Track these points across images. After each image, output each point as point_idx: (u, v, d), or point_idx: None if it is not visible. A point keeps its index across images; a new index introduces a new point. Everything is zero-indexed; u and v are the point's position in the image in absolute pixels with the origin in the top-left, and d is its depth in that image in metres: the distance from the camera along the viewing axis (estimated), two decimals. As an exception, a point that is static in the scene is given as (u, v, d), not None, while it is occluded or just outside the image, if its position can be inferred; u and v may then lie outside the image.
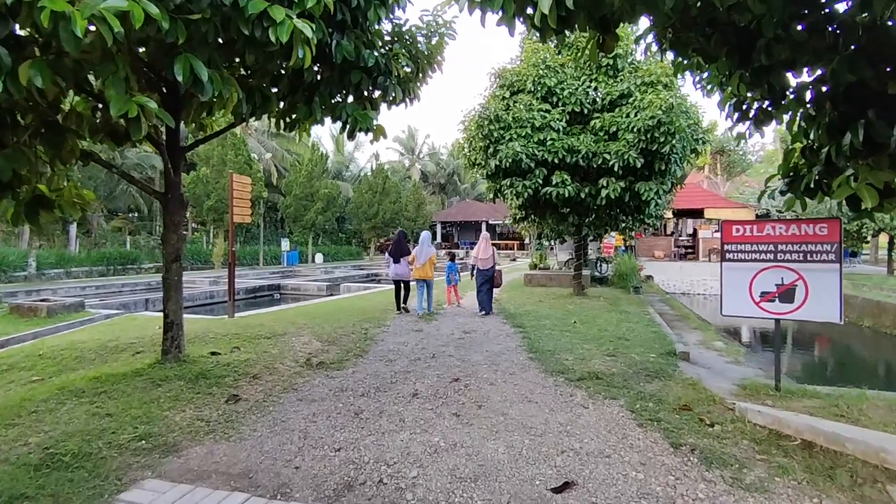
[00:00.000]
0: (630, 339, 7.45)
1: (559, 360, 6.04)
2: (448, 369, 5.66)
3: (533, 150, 10.45)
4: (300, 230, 30.99)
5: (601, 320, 9.16)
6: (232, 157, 23.33)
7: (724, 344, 8.39)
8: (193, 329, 7.30)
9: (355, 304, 11.37)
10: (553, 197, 10.46)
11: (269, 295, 17.67)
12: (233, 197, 9.15)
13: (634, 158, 9.69)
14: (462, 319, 9.39)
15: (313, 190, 30.09)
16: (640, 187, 10.05)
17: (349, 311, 10.14)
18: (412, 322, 8.93)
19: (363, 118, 5.26)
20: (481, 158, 11.32)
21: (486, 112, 10.67)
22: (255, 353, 5.97)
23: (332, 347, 6.56)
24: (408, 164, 64.52)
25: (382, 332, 7.84)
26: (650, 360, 6.15)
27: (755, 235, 4.69)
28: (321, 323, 8.27)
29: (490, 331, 8.16)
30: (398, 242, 10.00)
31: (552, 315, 9.76)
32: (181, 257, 5.40)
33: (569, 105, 10.85)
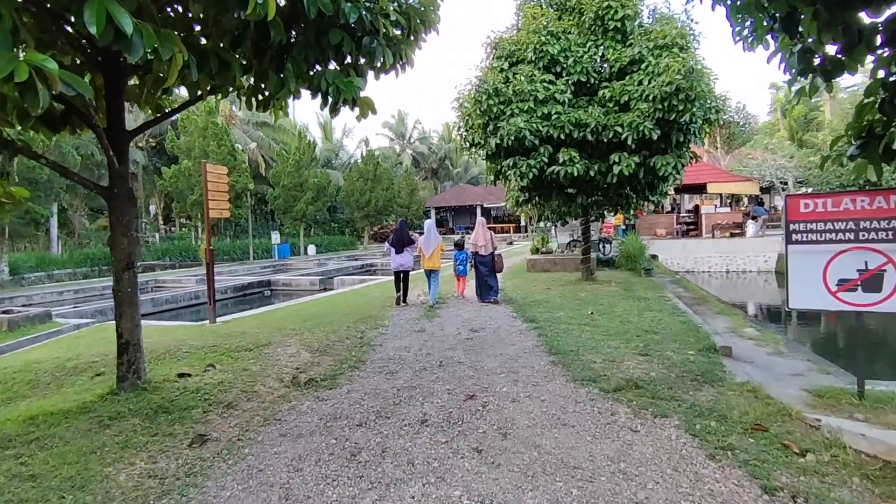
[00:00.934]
0: (659, 332, 6.64)
1: (586, 364, 5.22)
2: (459, 382, 4.82)
3: (537, 126, 9.53)
4: (290, 222, 29.98)
5: (620, 309, 8.35)
6: (214, 149, 22.21)
7: (757, 331, 7.61)
8: (164, 342, 6.43)
9: (350, 301, 10.50)
10: (560, 176, 9.57)
11: (258, 292, 16.78)
12: (207, 189, 8.20)
13: (650, 130, 8.79)
14: (466, 314, 8.56)
15: (302, 179, 29.01)
16: (657, 161, 9.16)
17: (343, 309, 9.28)
18: (413, 320, 8.09)
19: (347, 87, 4.34)
20: (480, 137, 10.39)
21: (484, 86, 9.71)
22: (233, 371, 5.10)
23: (324, 358, 5.70)
24: (399, 149, 63.26)
25: (381, 335, 7.00)
26: (690, 358, 5.34)
27: (830, 211, 3.84)
28: (312, 327, 7.41)
29: (500, 328, 7.33)
30: (400, 232, 9.50)
31: (565, 305, 8.94)
32: (134, 264, 4.50)
33: (574, 74, 9.90)
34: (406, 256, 9.43)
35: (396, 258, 9.44)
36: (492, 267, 9.72)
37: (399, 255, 9.41)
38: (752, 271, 23.85)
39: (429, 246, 9.51)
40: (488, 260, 9.69)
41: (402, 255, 9.41)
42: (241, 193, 23.46)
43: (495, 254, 9.82)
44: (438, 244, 9.64)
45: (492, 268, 9.73)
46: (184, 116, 23.24)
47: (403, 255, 9.41)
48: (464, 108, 11.20)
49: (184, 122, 23.04)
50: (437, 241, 9.62)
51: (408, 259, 9.45)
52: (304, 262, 25.61)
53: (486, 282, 9.62)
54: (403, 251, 9.40)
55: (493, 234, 10.04)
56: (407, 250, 9.40)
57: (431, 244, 9.53)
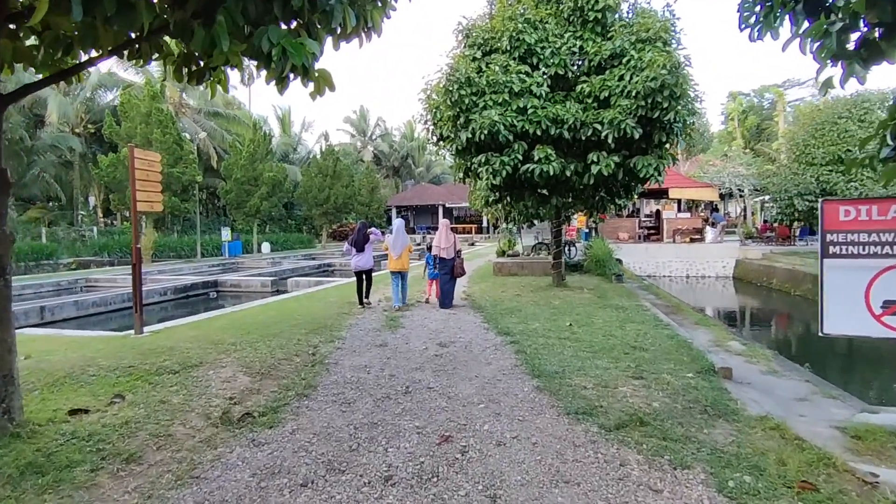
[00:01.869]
0: (647, 348, 6.03)
1: (576, 391, 4.50)
2: (431, 415, 4.00)
3: (511, 120, 8.82)
4: (243, 218, 28.29)
5: (599, 320, 7.73)
6: (158, 137, 20.46)
7: (743, 345, 7.14)
8: (69, 361, 5.29)
9: (303, 307, 9.48)
10: (535, 175, 8.89)
11: (203, 294, 15.38)
12: (135, 178, 7.03)
13: (632, 128, 8.22)
14: (433, 324, 7.74)
15: (256, 173, 27.39)
16: (638, 162, 8.62)
17: (295, 317, 8.27)
18: (373, 332, 7.19)
19: (296, 50, 3.42)
20: (449, 131, 9.59)
21: (456, 74, 8.91)
22: (147, 403, 4.08)
23: (267, 383, 4.74)
24: (360, 146, 61.79)
25: (336, 350, 6.08)
26: (691, 383, 4.71)
27: (876, 220, 3.25)
28: (255, 340, 6.39)
29: (472, 342, 6.55)
30: (361, 231, 9.28)
31: (539, 314, 8.27)
32: (8, 268, 3.43)
33: (551, 67, 9.25)
34: (367, 256, 9.17)
35: (357, 258, 9.17)
36: (451, 271, 9.27)
37: (359, 255, 9.14)
38: (711, 276, 24.13)
39: (396, 246, 9.09)
40: (450, 264, 9.25)
41: (363, 254, 9.15)
42: (188, 186, 21.78)
43: (457, 259, 9.35)
44: (407, 245, 9.25)
45: (451, 272, 9.27)
46: (125, 100, 21.37)
47: (364, 255, 9.16)
48: (432, 100, 10.40)
49: (124, 106, 21.16)
50: (406, 242, 9.24)
51: (369, 259, 9.20)
52: (256, 261, 24.10)
53: (444, 288, 9.22)
54: (364, 251, 9.14)
55: (456, 238, 9.65)
56: (367, 248, 9.16)
57: (399, 245, 9.11)
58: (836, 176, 18.56)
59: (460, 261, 9.45)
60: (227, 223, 30.40)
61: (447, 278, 9.26)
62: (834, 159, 18.92)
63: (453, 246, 9.36)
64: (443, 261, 9.25)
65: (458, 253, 9.44)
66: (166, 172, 20.89)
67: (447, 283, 9.26)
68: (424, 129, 11.17)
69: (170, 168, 20.85)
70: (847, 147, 18.67)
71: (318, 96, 4.12)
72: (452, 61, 9.54)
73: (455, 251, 9.36)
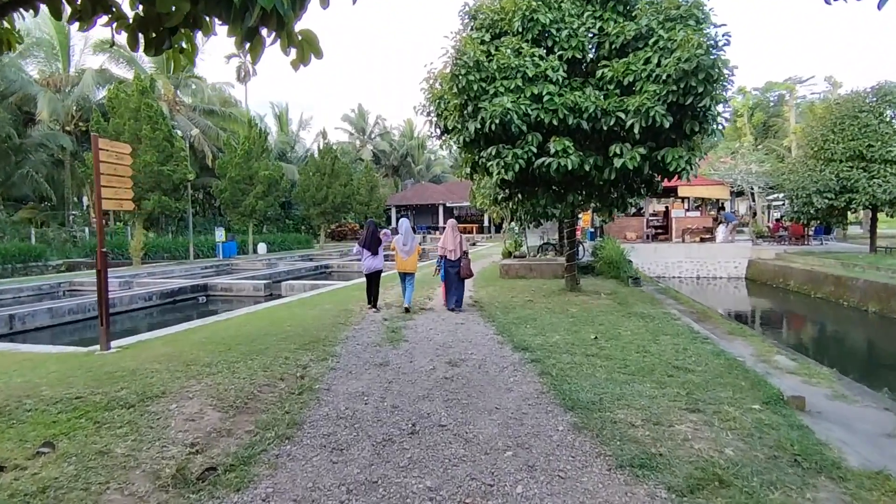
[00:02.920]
0: (693, 368, 5.16)
1: (624, 431, 3.63)
2: (446, 469, 3.12)
3: (525, 109, 7.94)
4: (238, 217, 27.39)
5: (626, 332, 6.86)
6: (148, 133, 19.54)
7: (791, 360, 6.28)
8: (11, 388, 4.41)
9: (296, 315, 8.61)
10: (552, 170, 8.02)
11: (192, 299, 14.49)
12: (98, 172, 6.13)
13: (662, 116, 7.34)
14: (440, 336, 6.87)
15: (252, 171, 26.48)
16: (667, 155, 7.73)
17: (285, 327, 7.40)
18: (372, 346, 6.32)
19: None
20: (455, 121, 8.71)
21: (463, 58, 8.02)
22: (83, 455, 3.20)
23: (241, 420, 3.86)
24: (359, 145, 60.94)
25: (330, 372, 5.20)
26: (762, 418, 3.84)
27: None
28: (236, 360, 5.51)
29: (486, 359, 5.68)
30: (374, 233, 8.99)
31: (557, 325, 7.40)
32: None
33: (568, 50, 8.37)
34: (380, 259, 8.95)
35: (369, 261, 8.88)
36: (458, 273, 8.87)
37: (372, 258, 8.87)
38: (723, 277, 23.30)
39: (406, 247, 8.85)
40: (456, 265, 8.86)
41: (376, 257, 8.89)
42: (179, 184, 20.85)
43: (463, 260, 8.91)
44: (417, 246, 9.05)
45: (458, 273, 8.87)
46: (112, 95, 20.45)
47: (377, 258, 8.90)
48: (435, 89, 9.54)
49: (112, 102, 20.23)
50: (416, 243, 9.03)
51: (381, 261, 8.99)
52: (251, 263, 23.21)
53: (452, 289, 8.90)
54: (377, 253, 8.90)
55: (463, 238, 9.19)
56: (380, 252, 8.94)
57: (410, 245, 8.87)
58: (858, 172, 17.66)
59: (467, 261, 8.99)
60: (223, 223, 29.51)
61: (455, 280, 8.86)
62: (855, 155, 18.01)
63: (460, 247, 8.95)
64: (450, 262, 8.87)
65: (465, 254, 8.99)
66: (156, 170, 20.02)
67: (455, 285, 8.88)
68: (427, 121, 10.30)
69: (160, 166, 19.95)
70: (869, 142, 17.76)
71: (303, 65, 3.24)
72: (457, 44, 8.65)
73: (462, 252, 8.95)
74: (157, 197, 19.91)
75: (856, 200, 17.91)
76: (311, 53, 3.18)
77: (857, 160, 18.10)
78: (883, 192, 17.01)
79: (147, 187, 19.95)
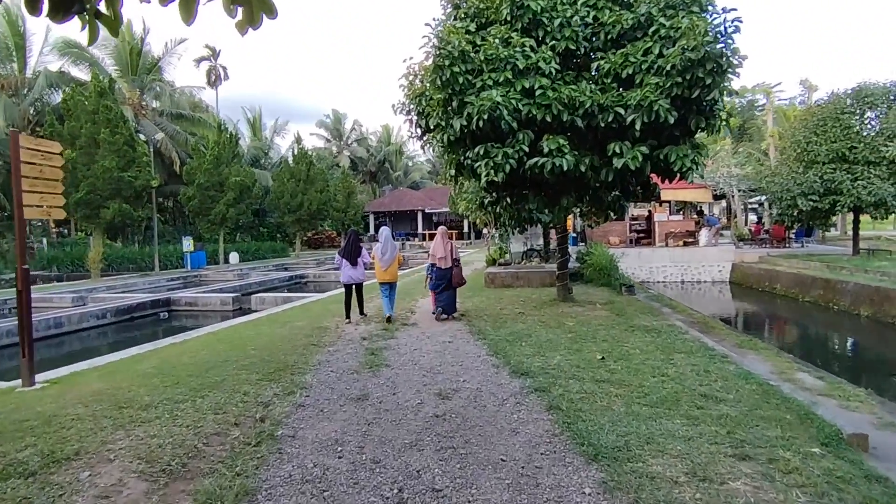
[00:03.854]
0: (723, 396, 4.44)
1: (668, 491, 2.86)
2: (446, 564, 2.31)
3: (516, 104, 7.22)
4: (208, 226, 26.09)
5: (634, 350, 6.15)
6: (107, 137, 18.27)
7: (817, 378, 5.65)
8: None
9: (263, 335, 7.68)
10: (546, 171, 7.30)
11: (152, 315, 13.34)
12: (19, 175, 5.15)
13: (667, 111, 6.69)
14: (426, 358, 6.05)
15: (222, 178, 25.26)
16: (671, 153, 7.09)
17: (249, 351, 6.48)
18: (349, 373, 5.46)
19: None
20: (439, 118, 7.94)
21: (447, 48, 7.26)
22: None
23: (173, 493, 2.96)
24: (335, 150, 59.76)
25: (297, 411, 4.33)
26: (827, 466, 3.13)
27: None
28: (183, 396, 4.60)
29: (482, 389, 4.88)
30: (355, 242, 8.72)
31: (556, 342, 6.65)
32: None
33: (561, 41, 7.69)
34: (360, 269, 8.66)
35: (349, 271, 8.57)
36: (449, 281, 8.59)
37: (352, 269, 8.56)
38: (707, 281, 23.01)
39: (385, 256, 8.52)
40: (447, 274, 8.56)
41: (356, 267, 8.59)
42: (141, 192, 19.57)
43: (454, 268, 8.62)
44: (396, 254, 8.76)
45: (449, 282, 8.60)
46: (68, 97, 19.12)
47: (357, 268, 8.61)
48: (415, 86, 8.77)
49: (68, 104, 18.90)
50: (395, 251, 8.75)
51: (362, 272, 8.71)
52: (221, 274, 22.00)
53: (442, 296, 8.59)
54: (357, 263, 8.59)
55: (454, 245, 8.92)
56: (360, 262, 8.63)
57: (388, 254, 8.55)
58: (842, 174, 17.50)
59: (459, 269, 8.70)
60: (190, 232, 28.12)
61: (446, 286, 8.54)
62: (838, 157, 17.88)
63: (450, 255, 8.64)
64: (440, 270, 8.54)
65: (455, 261, 8.71)
66: (116, 177, 18.73)
67: (446, 294, 8.56)
68: (407, 120, 9.52)
69: (120, 172, 18.68)
70: (851, 144, 17.65)
71: (252, 28, 2.46)
72: (441, 33, 7.89)
73: (453, 259, 8.66)
74: (118, 205, 18.63)
75: (840, 202, 17.74)
76: (261, 13, 2.40)
77: (839, 162, 17.98)
78: (868, 193, 16.85)
79: (106, 195, 18.67)
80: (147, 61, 33.91)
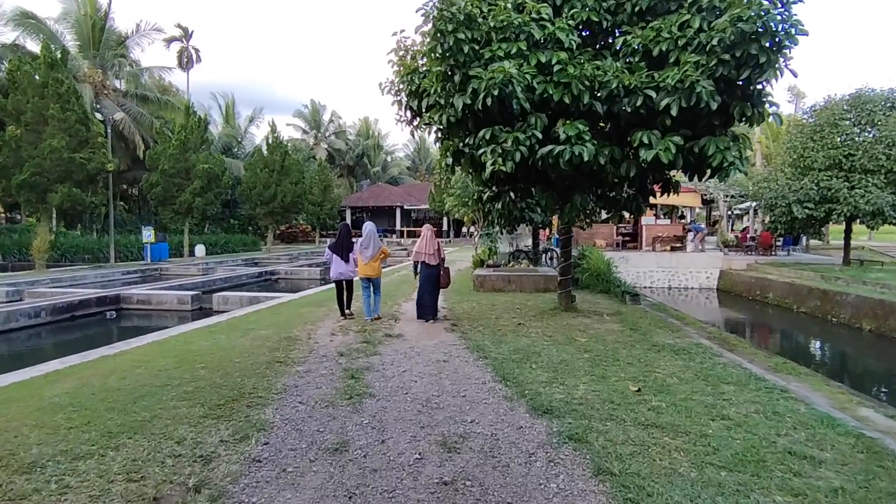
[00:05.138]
0: (816, 455, 3.40)
1: None
2: None
3: (530, 80, 6.10)
4: (172, 215, 24.29)
5: (669, 377, 5.10)
6: (56, 113, 16.44)
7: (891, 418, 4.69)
8: None
9: (219, 348, 6.38)
10: (563, 161, 6.19)
11: (98, 314, 11.78)
12: None
13: (710, 94, 5.66)
14: (419, 382, 4.88)
15: (189, 164, 23.51)
16: (710, 146, 6.05)
17: (197, 372, 5.19)
18: (322, 407, 4.25)
19: None
20: (437, 95, 6.76)
21: (451, 9, 6.08)
22: None
23: None
24: (312, 143, 57.82)
25: (250, 471, 3.11)
26: None
27: None
28: (87, 451, 3.31)
29: (497, 434, 3.74)
30: (347, 237, 8.48)
31: (572, 364, 5.56)
32: None
33: (582, 11, 6.60)
34: (351, 265, 8.42)
35: (339, 267, 8.33)
36: (436, 282, 8.31)
37: (342, 264, 8.34)
38: (694, 288, 22.44)
39: (367, 250, 8.18)
40: (433, 273, 8.24)
41: (347, 263, 8.36)
42: (95, 175, 17.79)
43: (441, 268, 8.36)
44: (380, 249, 8.38)
45: (436, 283, 8.31)
46: (14, 68, 17.20)
47: (349, 264, 8.38)
48: (406, 63, 7.62)
49: (13, 75, 16.99)
50: (379, 246, 8.36)
51: (353, 267, 8.44)
52: (184, 268, 20.34)
53: (424, 298, 8.24)
54: (348, 259, 8.36)
55: (441, 244, 8.60)
56: (351, 258, 8.41)
57: (371, 248, 8.21)
58: (839, 182, 16.99)
59: (446, 269, 8.44)
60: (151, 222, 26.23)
61: (430, 288, 8.21)
62: (835, 164, 17.38)
63: (437, 254, 8.31)
64: (426, 267, 8.21)
65: (442, 261, 8.38)
66: (66, 158, 16.92)
67: (428, 293, 8.22)
68: (395, 101, 8.33)
69: (71, 153, 16.88)
70: (849, 151, 17.16)
71: None
72: None
73: (440, 259, 8.33)
74: (67, 189, 16.82)
75: (836, 210, 17.23)
76: None
77: (836, 169, 17.48)
78: (866, 202, 16.34)
79: (55, 177, 16.84)
80: (111, 37, 31.72)
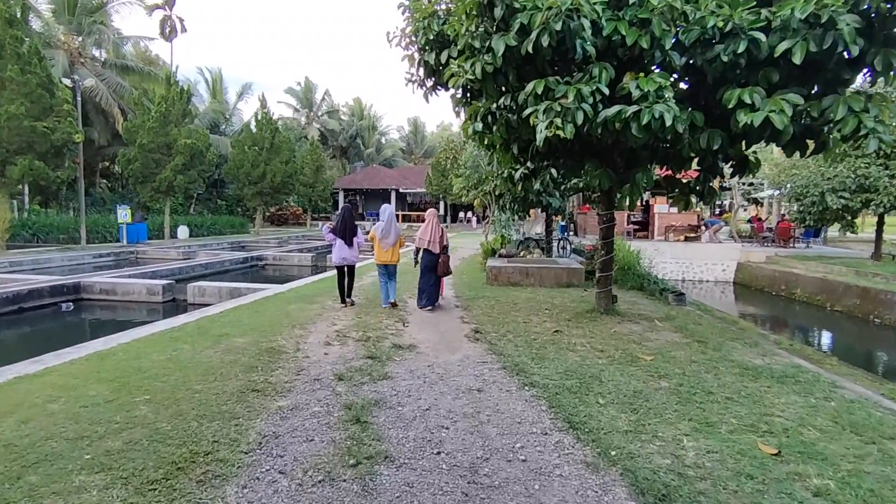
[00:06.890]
0: None
1: None
2: None
3: (598, 15, 4.53)
4: (151, 194, 22.49)
5: (802, 426, 3.65)
6: (15, 75, 14.57)
7: None
8: None
9: (177, 366, 4.83)
10: (635, 128, 4.64)
11: (52, 304, 10.14)
12: None
13: (853, 35, 4.12)
14: (449, 425, 3.39)
15: (169, 139, 21.66)
16: (838, 107, 4.51)
17: (137, 409, 3.66)
18: (318, 483, 2.75)
19: None
20: (471, 37, 5.15)
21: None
22: None
23: None
24: (304, 122, 55.65)
25: None
26: None
27: None
28: None
29: None
30: (350, 219, 8.06)
31: (651, 397, 4.10)
32: None
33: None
34: (355, 250, 8.05)
35: (342, 251, 7.89)
36: (435, 269, 7.94)
37: (346, 248, 7.91)
38: (710, 281, 21.14)
39: (388, 237, 7.81)
40: (434, 261, 7.90)
41: (351, 248, 7.95)
42: (61, 148, 15.97)
43: (442, 256, 7.94)
44: (399, 236, 8.00)
45: (435, 270, 7.94)
46: (-35, 24, 15.22)
47: (352, 249, 7.97)
48: (421, 6, 6.04)
49: (-35, 32, 15.05)
50: (398, 233, 8.00)
51: (356, 252, 8.11)
52: (163, 251, 18.65)
53: (426, 285, 7.93)
54: (353, 243, 7.95)
55: (444, 231, 8.21)
56: (356, 242, 8.03)
57: (392, 235, 7.84)
58: (878, 170, 15.60)
59: (446, 257, 8.00)
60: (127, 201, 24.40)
61: (431, 274, 7.91)
62: (874, 149, 15.98)
63: (440, 241, 8.00)
64: (428, 254, 7.91)
65: (444, 248, 8.01)
66: (28, 126, 15.07)
67: (430, 281, 7.92)
68: (406, 56, 6.73)
69: (33, 121, 15.04)
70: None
71: None
72: None
73: (442, 246, 8.00)
74: (28, 161, 15.01)
75: (874, 201, 15.86)
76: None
77: (875, 156, 16.08)
78: (904, 193, 14.97)
79: (14, 148, 15.02)
80: (89, 2, 29.49)
